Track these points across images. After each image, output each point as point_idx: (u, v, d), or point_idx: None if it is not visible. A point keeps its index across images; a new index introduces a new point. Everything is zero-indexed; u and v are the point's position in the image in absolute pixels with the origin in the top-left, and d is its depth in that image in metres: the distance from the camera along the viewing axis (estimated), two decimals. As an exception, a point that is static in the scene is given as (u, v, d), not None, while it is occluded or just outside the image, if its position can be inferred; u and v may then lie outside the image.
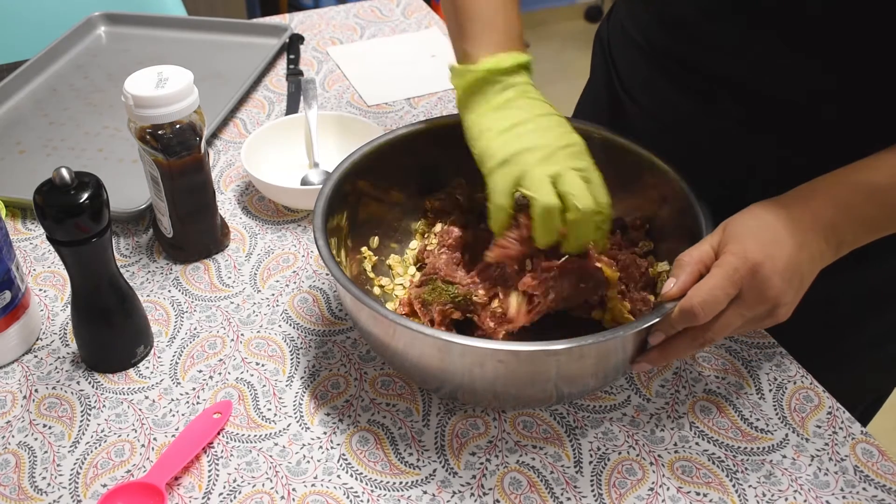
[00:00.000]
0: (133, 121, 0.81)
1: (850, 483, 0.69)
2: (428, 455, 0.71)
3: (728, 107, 0.79)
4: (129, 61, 1.25)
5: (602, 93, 0.97)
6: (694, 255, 0.66)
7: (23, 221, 0.96)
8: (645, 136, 0.82)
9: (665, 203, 0.79)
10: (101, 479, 0.69)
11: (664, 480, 0.69)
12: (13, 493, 0.68)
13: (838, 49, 0.70)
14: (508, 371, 0.65)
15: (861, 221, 0.67)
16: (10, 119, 1.12)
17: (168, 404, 0.75)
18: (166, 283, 0.88)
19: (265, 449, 0.71)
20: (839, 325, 0.87)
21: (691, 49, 0.79)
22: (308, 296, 0.86)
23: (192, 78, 0.81)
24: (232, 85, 1.18)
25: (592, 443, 0.72)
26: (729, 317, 0.64)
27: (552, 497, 0.68)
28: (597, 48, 1.00)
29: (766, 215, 0.66)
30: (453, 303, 0.72)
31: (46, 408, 0.75)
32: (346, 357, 0.80)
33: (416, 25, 1.37)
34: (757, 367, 0.79)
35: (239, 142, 1.09)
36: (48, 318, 0.84)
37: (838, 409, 0.75)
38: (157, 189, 0.85)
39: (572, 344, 0.63)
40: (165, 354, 0.80)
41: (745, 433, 0.73)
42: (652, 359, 0.68)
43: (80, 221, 0.69)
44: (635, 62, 0.88)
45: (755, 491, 0.68)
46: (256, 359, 0.80)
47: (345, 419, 0.74)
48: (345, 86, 1.22)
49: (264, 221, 0.96)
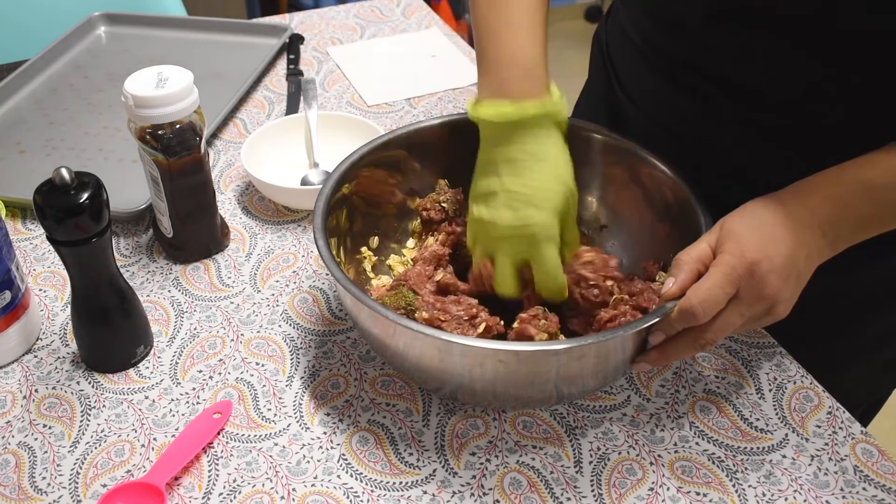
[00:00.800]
0: (133, 121, 0.81)
1: (849, 483, 0.69)
2: (428, 455, 0.71)
3: (727, 107, 0.79)
4: (129, 61, 1.25)
5: (600, 93, 0.97)
6: (692, 253, 0.66)
7: (23, 221, 0.96)
8: (643, 136, 0.82)
9: (665, 204, 0.79)
10: (101, 479, 0.69)
11: (664, 480, 0.69)
12: (13, 493, 0.68)
13: (838, 49, 0.70)
14: (508, 371, 0.65)
15: (857, 218, 0.67)
16: (10, 119, 1.12)
17: (168, 404, 0.75)
18: (166, 283, 0.88)
19: (265, 449, 0.71)
20: (839, 326, 0.87)
21: (690, 49, 0.79)
22: (308, 296, 0.86)
23: (192, 78, 0.81)
24: (232, 85, 1.18)
25: (592, 443, 0.72)
26: (728, 316, 0.64)
27: (552, 497, 0.68)
28: (595, 49, 1.00)
29: (762, 213, 0.66)
30: (405, 310, 0.73)
31: (46, 408, 0.75)
32: (346, 357, 0.80)
33: (416, 25, 1.37)
34: (757, 366, 0.79)
35: (239, 142, 1.09)
36: (48, 318, 0.84)
37: (838, 409, 0.75)
38: (157, 189, 0.85)
39: (572, 344, 0.63)
40: (165, 354, 0.80)
41: (745, 433, 0.73)
42: (652, 359, 0.68)
43: (80, 221, 0.69)
44: (634, 62, 0.88)
45: (755, 491, 0.68)
46: (256, 359, 0.80)
47: (345, 419, 0.74)
48: (345, 86, 1.22)
49: (264, 221, 0.96)
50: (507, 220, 0.71)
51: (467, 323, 0.71)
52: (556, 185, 0.71)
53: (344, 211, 0.79)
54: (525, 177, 0.71)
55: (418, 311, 0.72)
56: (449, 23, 2.44)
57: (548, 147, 0.72)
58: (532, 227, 0.70)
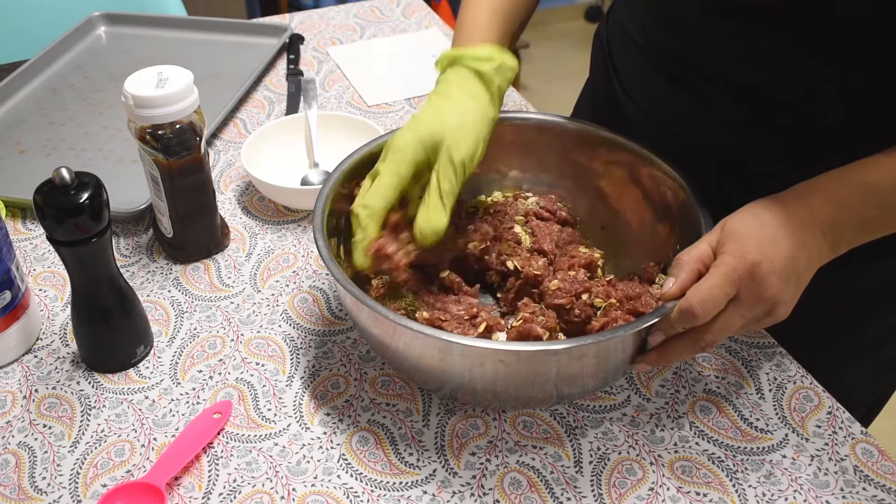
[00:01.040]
0: (133, 121, 0.81)
1: (849, 483, 0.69)
2: (428, 455, 0.71)
3: (728, 107, 0.79)
4: (129, 61, 1.25)
5: (601, 93, 0.97)
6: (693, 254, 0.66)
7: (23, 221, 0.96)
8: (644, 136, 0.82)
9: (665, 204, 0.79)
10: (101, 479, 0.69)
11: (664, 480, 0.69)
12: (13, 493, 0.68)
13: (838, 49, 0.70)
14: (509, 371, 0.65)
15: (859, 220, 0.67)
16: (10, 119, 1.12)
17: (168, 404, 0.75)
18: (166, 283, 0.88)
19: (265, 449, 0.71)
20: (839, 326, 0.87)
21: (691, 49, 0.79)
22: (308, 296, 0.86)
23: (192, 78, 0.81)
24: (232, 85, 1.18)
25: (592, 443, 0.72)
26: (728, 317, 0.64)
27: (552, 497, 0.68)
28: (596, 48, 1.00)
29: (763, 213, 0.66)
30: (405, 310, 0.73)
31: (46, 408, 0.75)
32: (346, 357, 0.80)
33: (416, 25, 1.37)
34: (757, 367, 0.79)
35: (239, 142, 1.09)
36: (48, 318, 0.84)
37: (838, 409, 0.75)
38: (157, 189, 0.85)
39: (572, 344, 0.63)
40: (165, 354, 0.80)
41: (744, 433, 0.73)
42: (652, 359, 0.68)
43: (80, 221, 0.69)
44: (635, 62, 0.88)
45: (755, 491, 0.68)
46: (256, 359, 0.80)
47: (345, 419, 0.74)
48: (345, 86, 1.22)
49: (264, 221, 0.96)
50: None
51: (467, 322, 0.71)
52: (434, 119, 0.73)
53: (344, 211, 0.79)
54: (424, 110, 0.74)
55: (418, 311, 0.72)
56: (449, 23, 2.44)
57: (451, 88, 0.75)
58: (390, 141, 0.73)
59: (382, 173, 0.71)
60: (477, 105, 0.73)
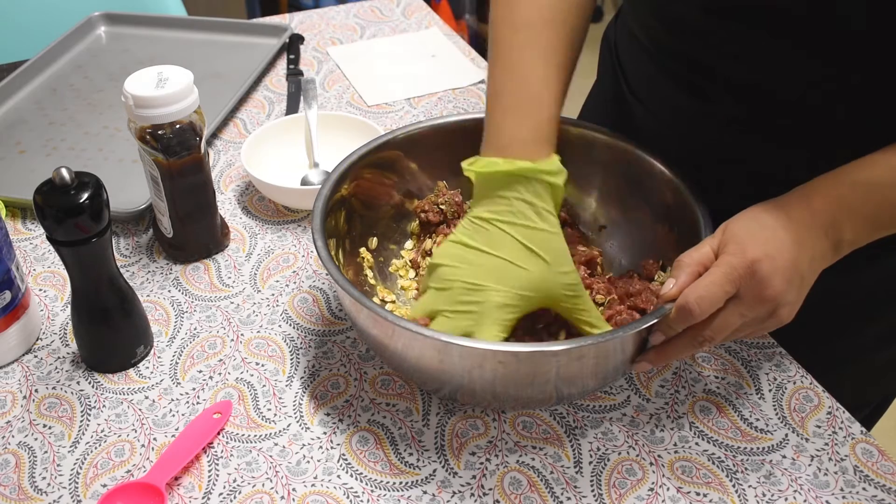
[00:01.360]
0: (133, 121, 0.81)
1: (849, 483, 0.69)
2: (428, 455, 0.71)
3: (728, 106, 0.79)
4: (129, 61, 1.25)
5: (609, 94, 0.97)
6: (694, 256, 0.66)
7: (23, 221, 0.96)
8: (651, 137, 0.82)
9: (665, 204, 0.79)
10: (101, 479, 0.69)
11: (664, 480, 0.69)
12: (13, 493, 0.68)
13: (838, 49, 0.70)
14: (508, 372, 0.65)
15: (861, 220, 0.67)
16: (10, 119, 1.12)
17: (168, 404, 0.75)
18: (166, 283, 0.88)
19: (265, 449, 0.72)
20: (839, 326, 0.86)
21: (694, 49, 0.79)
22: (308, 296, 0.86)
23: (192, 78, 0.81)
24: (232, 85, 1.18)
25: (592, 443, 0.72)
26: (727, 316, 0.64)
27: (552, 497, 0.68)
28: (604, 49, 1.00)
29: (765, 216, 0.65)
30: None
31: (46, 408, 0.75)
32: (345, 357, 0.80)
33: (416, 25, 1.37)
34: (757, 367, 0.79)
35: (239, 142, 1.09)
36: (48, 318, 0.84)
37: (838, 409, 0.75)
38: (157, 189, 0.85)
39: (572, 344, 0.63)
40: (165, 354, 0.80)
41: (744, 433, 0.73)
42: (651, 359, 0.68)
43: (80, 221, 0.69)
44: (641, 63, 0.88)
45: (755, 491, 0.68)
46: (256, 359, 0.80)
47: (345, 419, 0.74)
48: (345, 86, 1.22)
49: (264, 221, 0.97)
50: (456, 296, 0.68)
51: None
52: (526, 260, 0.68)
53: (343, 212, 0.79)
54: (486, 255, 0.68)
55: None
56: (449, 23, 2.44)
57: (526, 210, 0.69)
58: (479, 305, 0.67)
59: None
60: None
